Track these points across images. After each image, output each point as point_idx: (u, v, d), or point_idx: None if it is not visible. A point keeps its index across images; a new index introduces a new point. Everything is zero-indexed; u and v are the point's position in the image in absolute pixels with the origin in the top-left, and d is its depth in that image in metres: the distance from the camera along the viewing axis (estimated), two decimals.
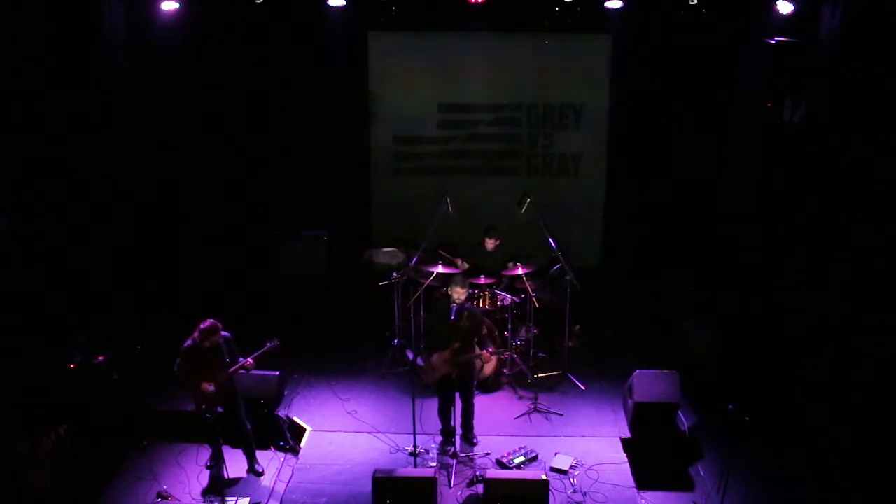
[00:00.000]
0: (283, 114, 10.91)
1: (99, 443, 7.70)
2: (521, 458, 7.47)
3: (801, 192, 9.31)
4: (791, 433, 7.88)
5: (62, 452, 7.24)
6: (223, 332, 7.01)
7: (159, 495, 7.04)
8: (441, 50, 11.10)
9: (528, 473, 7.16)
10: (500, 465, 7.43)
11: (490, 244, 9.31)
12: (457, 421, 7.58)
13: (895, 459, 7.16)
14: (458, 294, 7.41)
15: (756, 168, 10.29)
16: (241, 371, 7.09)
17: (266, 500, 7.12)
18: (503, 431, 8.00)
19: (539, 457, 7.54)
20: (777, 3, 8.91)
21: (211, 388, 6.93)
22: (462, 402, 7.61)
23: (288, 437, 7.98)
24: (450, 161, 11.46)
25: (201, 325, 6.89)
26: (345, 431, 8.03)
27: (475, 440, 7.75)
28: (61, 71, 8.57)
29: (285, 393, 8.51)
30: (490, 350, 7.64)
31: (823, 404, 8.14)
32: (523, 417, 8.24)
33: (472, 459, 7.53)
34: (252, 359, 7.05)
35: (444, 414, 7.70)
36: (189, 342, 6.94)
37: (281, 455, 7.84)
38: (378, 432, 7.98)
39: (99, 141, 9.18)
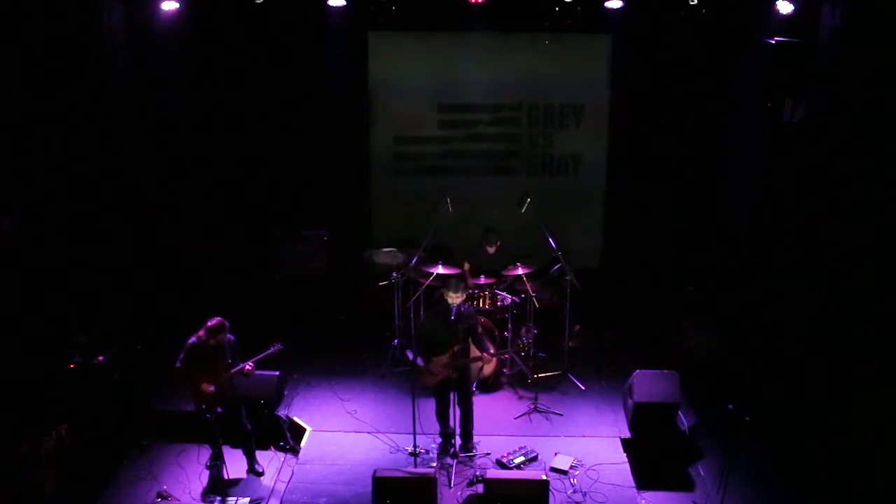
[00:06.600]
0: (283, 113, 10.90)
1: (99, 443, 7.69)
2: (521, 458, 7.47)
3: (801, 192, 9.31)
4: (791, 433, 7.88)
5: (62, 452, 7.24)
6: (229, 335, 7.01)
7: (159, 495, 7.04)
8: (441, 50, 11.11)
9: (528, 473, 7.16)
10: (500, 465, 7.43)
11: (490, 249, 9.31)
12: (456, 426, 7.54)
13: (894, 459, 7.16)
14: (453, 298, 7.28)
15: (756, 168, 10.29)
16: (241, 375, 7.08)
17: (266, 500, 7.12)
18: (503, 431, 7.99)
19: (539, 457, 7.54)
20: (777, 3, 8.90)
21: (211, 388, 6.93)
22: (460, 406, 7.51)
23: (288, 437, 7.98)
24: (450, 161, 11.46)
25: (209, 323, 6.87)
26: (345, 431, 8.03)
27: (474, 450, 7.62)
28: (61, 71, 8.57)
29: (285, 393, 8.52)
30: (490, 352, 7.60)
31: (823, 405, 8.13)
32: (523, 417, 8.24)
33: (472, 459, 7.52)
34: (252, 363, 7.02)
35: (442, 416, 7.65)
36: (194, 339, 6.93)
37: (281, 455, 7.84)
38: (378, 432, 7.98)
39: (99, 141, 9.17)
